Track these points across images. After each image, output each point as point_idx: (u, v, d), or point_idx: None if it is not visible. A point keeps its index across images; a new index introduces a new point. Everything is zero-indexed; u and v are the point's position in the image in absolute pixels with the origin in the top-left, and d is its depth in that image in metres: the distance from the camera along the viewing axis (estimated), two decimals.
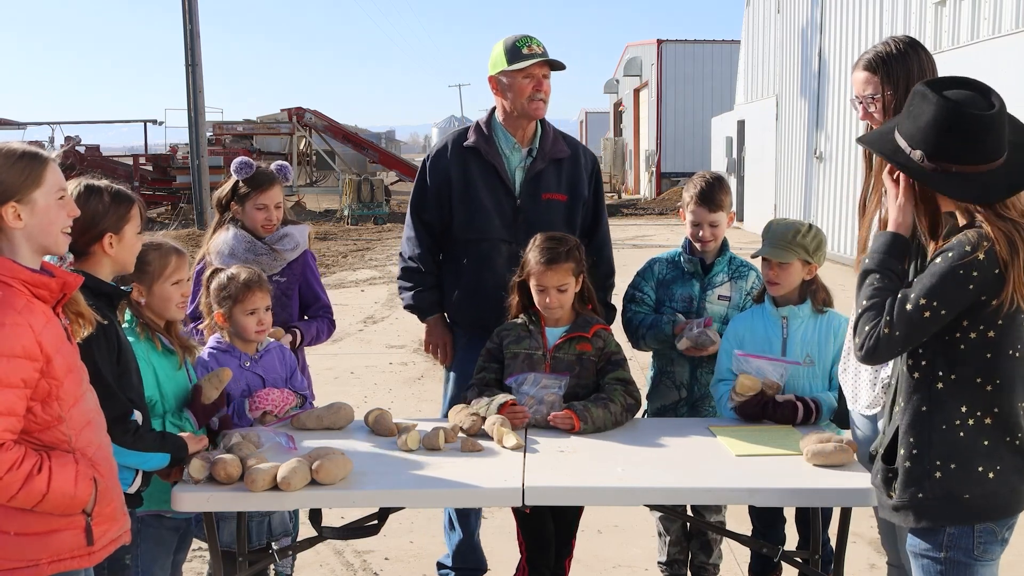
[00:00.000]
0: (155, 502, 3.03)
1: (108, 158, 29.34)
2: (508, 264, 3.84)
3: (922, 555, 2.50)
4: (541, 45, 3.89)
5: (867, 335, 2.46)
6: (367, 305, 12.26)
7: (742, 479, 2.97)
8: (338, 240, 20.82)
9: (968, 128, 2.39)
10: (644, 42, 35.39)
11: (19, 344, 2.29)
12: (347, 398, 3.97)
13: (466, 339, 4.05)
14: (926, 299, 2.37)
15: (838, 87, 16.33)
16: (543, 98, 3.89)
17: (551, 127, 4.05)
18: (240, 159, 4.09)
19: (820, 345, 3.60)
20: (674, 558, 4.09)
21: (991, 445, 2.43)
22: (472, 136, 3.98)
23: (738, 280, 3.92)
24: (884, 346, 2.43)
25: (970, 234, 2.39)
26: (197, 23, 22.26)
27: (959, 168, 2.41)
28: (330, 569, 4.52)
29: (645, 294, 3.99)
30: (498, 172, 3.93)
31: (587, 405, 3.42)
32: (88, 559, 2.48)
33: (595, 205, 4.10)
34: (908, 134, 2.48)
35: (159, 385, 3.13)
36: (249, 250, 3.96)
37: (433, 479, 2.98)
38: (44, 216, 2.41)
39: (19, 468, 2.29)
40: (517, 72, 3.84)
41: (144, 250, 3.12)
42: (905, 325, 2.39)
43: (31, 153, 2.43)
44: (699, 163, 29.43)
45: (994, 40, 11.18)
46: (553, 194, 3.95)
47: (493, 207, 3.92)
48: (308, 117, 28.97)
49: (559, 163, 3.98)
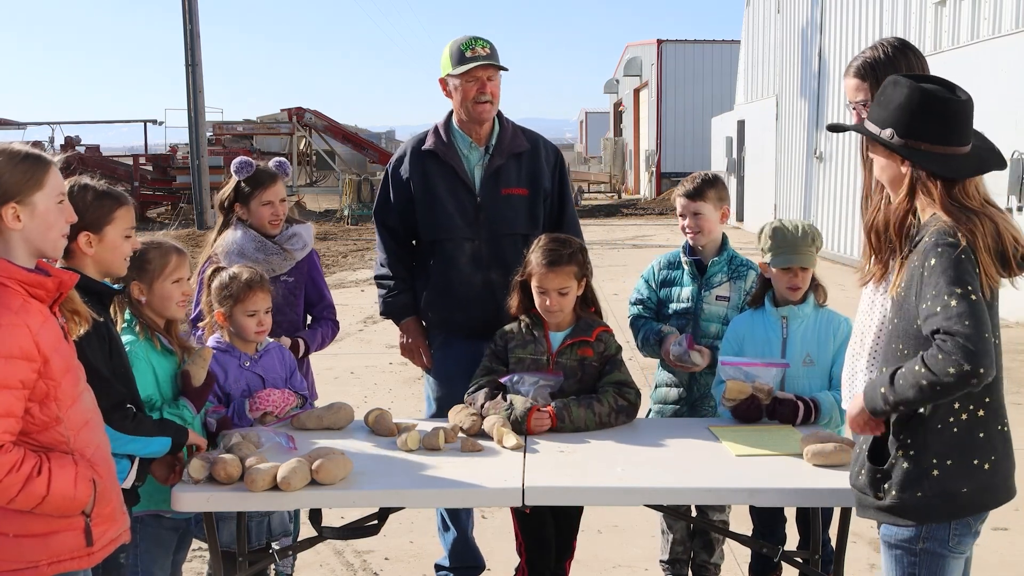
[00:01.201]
0: (154, 502, 3.03)
1: (108, 158, 29.34)
2: (472, 262, 3.88)
3: (896, 545, 2.51)
4: (487, 46, 3.87)
5: (941, 365, 2.30)
6: (367, 305, 12.25)
7: (742, 479, 2.96)
8: (338, 240, 20.82)
9: (939, 110, 2.46)
10: (644, 42, 35.41)
11: (16, 345, 2.28)
12: (347, 398, 3.96)
13: (442, 338, 4.08)
14: (960, 287, 2.32)
15: (838, 87, 16.32)
16: (488, 100, 3.87)
17: (509, 123, 4.05)
18: (239, 159, 4.09)
19: (820, 345, 3.60)
20: (677, 557, 4.09)
21: (985, 436, 2.45)
22: (430, 140, 4.00)
23: (737, 280, 3.91)
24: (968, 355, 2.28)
25: (939, 227, 2.41)
26: (197, 23, 22.29)
27: (927, 147, 2.46)
28: (330, 569, 4.52)
29: (647, 297, 4.00)
30: (457, 172, 3.94)
31: (567, 404, 3.42)
32: (88, 560, 2.47)
33: (560, 196, 4.09)
34: (878, 119, 2.53)
35: (158, 385, 3.12)
36: (260, 249, 3.96)
37: (433, 479, 2.98)
38: (43, 219, 2.40)
39: (19, 470, 2.28)
40: (461, 76, 3.86)
41: (144, 249, 3.11)
42: (966, 315, 2.29)
43: (34, 155, 2.42)
44: (699, 163, 29.43)
45: (994, 40, 11.18)
46: (513, 188, 3.95)
47: (454, 207, 3.93)
48: (308, 117, 28.97)
49: (518, 157, 3.98)
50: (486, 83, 3.86)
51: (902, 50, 2.99)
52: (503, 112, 4.02)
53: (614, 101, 44.16)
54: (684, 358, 3.72)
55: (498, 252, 3.90)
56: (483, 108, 3.88)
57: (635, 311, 4.01)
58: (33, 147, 2.50)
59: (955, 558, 2.49)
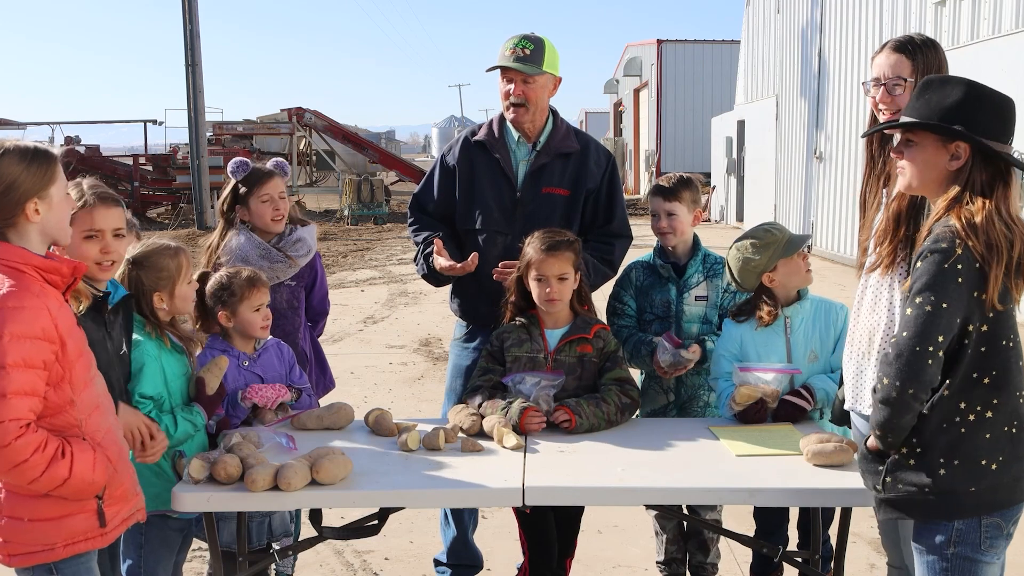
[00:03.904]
0: (161, 502, 3.03)
1: (108, 158, 29.32)
2: (503, 256, 3.85)
3: (928, 551, 2.50)
4: (529, 47, 3.83)
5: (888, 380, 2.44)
6: (367, 305, 12.25)
7: (742, 479, 2.96)
8: (338, 240, 20.82)
9: (997, 107, 2.48)
10: (644, 42, 35.40)
11: (39, 326, 2.37)
12: (347, 398, 3.97)
13: (465, 331, 4.08)
14: (921, 296, 2.38)
15: (838, 87, 16.33)
16: (520, 103, 3.86)
17: (564, 123, 4.04)
18: (235, 160, 4.08)
19: (822, 338, 3.61)
20: (672, 557, 4.09)
21: (992, 438, 2.44)
22: (483, 131, 4.02)
23: (714, 279, 3.91)
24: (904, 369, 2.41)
25: (938, 232, 2.41)
26: (197, 23, 22.28)
27: (991, 143, 2.46)
28: (330, 569, 4.52)
29: (626, 304, 3.98)
30: (501, 165, 3.94)
31: (580, 402, 3.41)
32: (101, 539, 2.57)
33: (609, 196, 4.04)
34: (928, 116, 2.50)
35: (167, 383, 3.14)
36: (264, 256, 3.95)
37: (433, 479, 2.98)
38: (59, 210, 2.51)
39: (43, 451, 2.37)
40: (498, 74, 3.89)
41: (155, 257, 3.15)
42: (909, 324, 2.39)
43: (42, 151, 2.51)
44: (699, 163, 29.44)
45: (994, 40, 11.18)
46: (554, 188, 3.94)
47: (493, 199, 3.93)
48: (308, 117, 28.97)
49: (566, 158, 3.96)
50: (520, 85, 3.85)
51: (938, 44, 3.00)
52: (558, 112, 4.02)
53: (614, 101, 44.14)
54: (678, 358, 3.70)
55: None
56: (513, 111, 3.89)
57: (616, 322, 3.95)
58: (37, 143, 2.58)
59: (989, 563, 2.47)
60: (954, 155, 2.49)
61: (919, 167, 2.55)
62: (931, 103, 2.51)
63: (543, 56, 3.86)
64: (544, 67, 3.86)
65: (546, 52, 3.87)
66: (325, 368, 4.33)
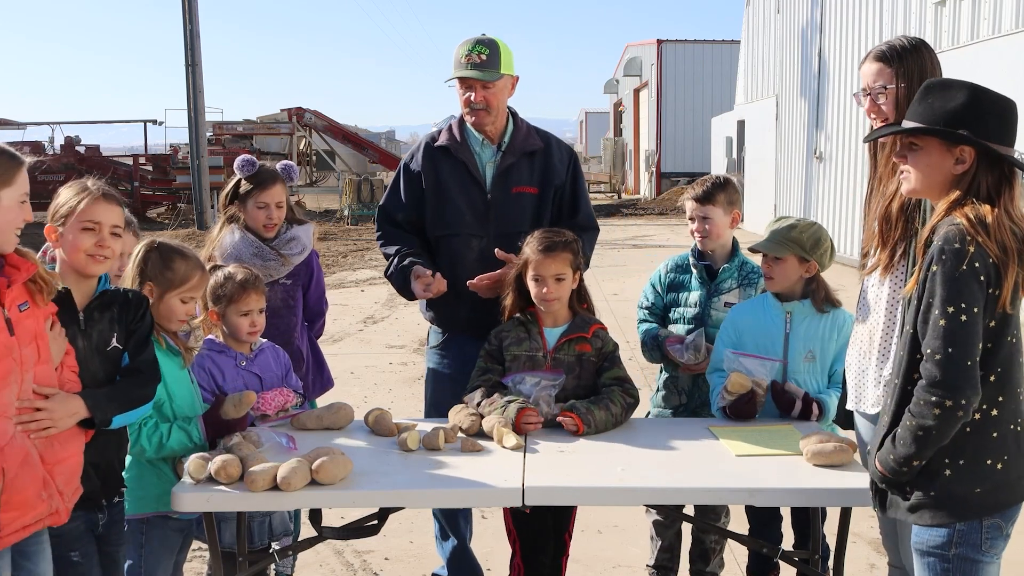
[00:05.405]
0: (162, 503, 3.02)
1: (108, 158, 29.34)
2: (479, 259, 3.85)
3: (928, 552, 2.50)
4: (484, 52, 3.81)
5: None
6: (367, 305, 12.26)
7: (742, 479, 2.96)
8: (338, 240, 20.82)
9: (1000, 110, 2.47)
10: (644, 42, 35.41)
11: None
12: (347, 398, 3.96)
13: (443, 336, 4.06)
14: (953, 306, 2.35)
15: (838, 87, 16.34)
16: (481, 107, 3.85)
17: (523, 122, 4.04)
18: (244, 157, 4.08)
19: (823, 342, 3.60)
20: (662, 564, 4.09)
21: (999, 437, 2.44)
22: (444, 136, 3.99)
23: (748, 288, 3.87)
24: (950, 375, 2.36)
25: (947, 231, 2.40)
26: (197, 23, 22.28)
27: (995, 146, 2.46)
28: (330, 569, 4.52)
29: (653, 302, 3.99)
30: (468, 169, 3.93)
31: (589, 407, 3.40)
32: None
33: (574, 190, 4.06)
34: (930, 120, 2.50)
35: (167, 386, 3.12)
36: (257, 255, 3.95)
37: (433, 479, 2.98)
38: (4, 215, 2.43)
39: None
40: (456, 82, 3.88)
41: (174, 254, 3.12)
42: (948, 338, 2.35)
43: (9, 153, 2.45)
44: (699, 163, 29.45)
45: (994, 40, 11.18)
46: (524, 187, 3.94)
47: (465, 202, 3.92)
48: (308, 117, 28.98)
49: (531, 156, 3.97)
50: (480, 91, 3.84)
51: (923, 45, 3.00)
52: (518, 112, 4.02)
53: (614, 101, 44.15)
54: (693, 347, 3.72)
55: (504, 250, 3.90)
56: (473, 115, 3.87)
57: (641, 315, 4.01)
58: (8, 146, 2.52)
59: (989, 563, 2.47)
60: (959, 159, 2.48)
61: (923, 171, 2.54)
62: (934, 107, 2.50)
63: (499, 59, 3.84)
64: (502, 70, 3.85)
65: (501, 54, 3.85)
66: (323, 367, 4.33)
